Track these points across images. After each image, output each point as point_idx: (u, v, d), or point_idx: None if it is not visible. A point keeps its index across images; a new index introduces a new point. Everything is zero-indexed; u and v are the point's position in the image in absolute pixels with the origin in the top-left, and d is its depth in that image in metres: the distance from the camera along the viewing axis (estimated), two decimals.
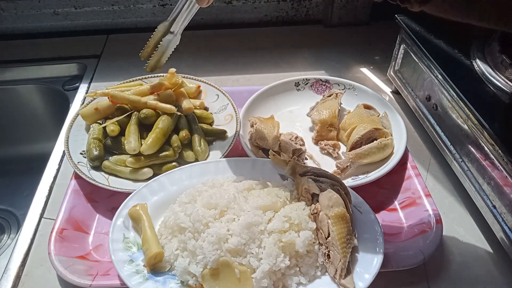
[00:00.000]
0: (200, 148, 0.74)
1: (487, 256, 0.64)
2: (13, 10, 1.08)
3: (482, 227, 0.68)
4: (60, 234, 0.63)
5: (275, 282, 0.53)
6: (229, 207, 0.58)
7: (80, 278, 0.57)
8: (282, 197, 0.60)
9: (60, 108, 0.97)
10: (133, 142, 0.71)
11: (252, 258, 0.53)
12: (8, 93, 1.03)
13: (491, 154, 0.62)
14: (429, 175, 0.77)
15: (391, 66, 0.92)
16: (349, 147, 0.75)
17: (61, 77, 1.02)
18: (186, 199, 0.62)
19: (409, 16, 0.84)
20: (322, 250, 0.56)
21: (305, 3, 1.17)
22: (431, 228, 0.63)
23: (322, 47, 1.11)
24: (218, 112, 0.83)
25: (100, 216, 0.69)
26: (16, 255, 0.64)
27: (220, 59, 1.06)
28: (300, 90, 0.90)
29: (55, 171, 0.78)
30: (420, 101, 0.82)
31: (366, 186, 0.68)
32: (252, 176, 0.66)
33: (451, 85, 0.69)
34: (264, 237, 0.55)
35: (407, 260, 0.60)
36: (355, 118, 0.79)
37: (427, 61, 0.76)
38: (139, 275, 0.55)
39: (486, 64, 0.70)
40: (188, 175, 0.67)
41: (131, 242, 0.59)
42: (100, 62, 1.05)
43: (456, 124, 0.70)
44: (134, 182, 0.71)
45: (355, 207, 0.61)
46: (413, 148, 0.81)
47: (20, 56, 1.06)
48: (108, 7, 1.11)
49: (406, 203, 0.70)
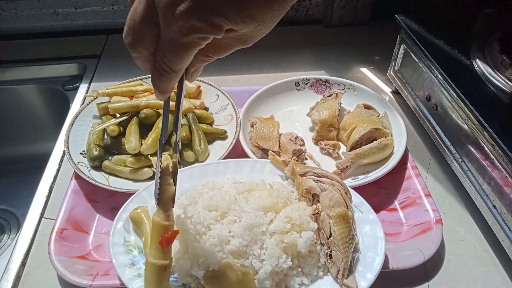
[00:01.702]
0: (200, 148, 0.74)
1: (487, 256, 0.64)
2: (13, 10, 1.08)
3: (482, 227, 0.68)
4: (60, 234, 0.63)
5: (277, 283, 0.53)
6: (230, 209, 0.58)
7: (80, 278, 0.57)
8: (283, 197, 0.60)
9: (60, 108, 0.97)
10: (134, 141, 0.71)
11: (254, 259, 0.53)
12: (8, 93, 1.03)
13: (491, 154, 0.62)
14: (429, 175, 0.77)
15: (391, 66, 0.92)
16: (349, 147, 0.75)
17: (61, 77, 1.03)
18: (187, 201, 0.61)
19: (409, 16, 0.84)
20: (324, 250, 0.56)
21: (305, 3, 1.17)
22: (431, 228, 0.64)
23: (322, 47, 1.11)
24: (218, 112, 0.83)
25: (100, 216, 0.69)
26: (16, 255, 0.64)
27: (220, 59, 1.05)
28: (300, 90, 0.90)
29: (55, 171, 0.78)
30: (420, 101, 0.82)
31: (366, 186, 0.68)
32: (253, 177, 0.66)
33: (451, 85, 0.69)
34: (266, 238, 0.55)
35: (407, 260, 0.60)
36: (355, 118, 0.80)
37: (427, 61, 0.76)
38: (141, 278, 0.55)
39: (486, 64, 0.70)
40: (188, 177, 0.67)
41: (132, 245, 0.59)
42: (100, 62, 1.05)
43: (456, 124, 0.70)
44: (134, 182, 0.71)
45: (355, 207, 0.61)
46: (413, 148, 0.81)
47: (20, 56, 1.06)
48: (108, 7, 1.11)
49: (406, 203, 0.70)
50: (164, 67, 0.35)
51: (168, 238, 0.51)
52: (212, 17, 0.29)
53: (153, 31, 0.33)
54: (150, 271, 0.51)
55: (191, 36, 0.31)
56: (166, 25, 0.31)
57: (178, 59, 0.33)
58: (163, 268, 0.50)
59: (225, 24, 0.30)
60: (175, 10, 0.29)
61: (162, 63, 0.34)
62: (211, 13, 0.29)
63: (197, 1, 0.29)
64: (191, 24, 0.30)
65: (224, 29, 0.31)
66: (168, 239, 0.51)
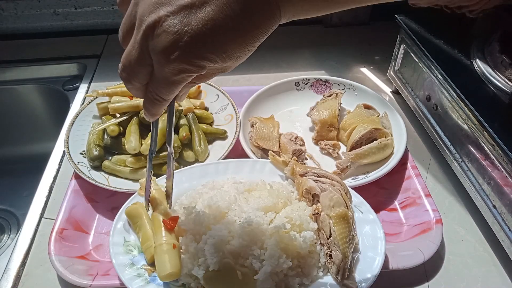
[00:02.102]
0: (200, 148, 0.74)
1: (487, 256, 0.64)
2: (13, 10, 1.08)
3: (482, 227, 0.68)
4: (60, 234, 0.63)
5: (277, 283, 0.53)
6: (230, 209, 0.58)
7: (80, 278, 0.57)
8: (283, 198, 0.60)
9: (60, 108, 0.97)
10: (134, 141, 0.72)
11: (254, 259, 0.53)
12: (8, 93, 1.03)
13: (491, 154, 0.62)
14: (429, 175, 0.77)
15: (391, 66, 0.92)
16: (349, 147, 0.75)
17: (61, 77, 1.02)
18: (187, 201, 0.61)
19: (409, 16, 0.84)
20: (324, 250, 0.56)
21: None
22: (431, 228, 0.64)
23: (322, 47, 1.11)
24: (218, 112, 0.83)
25: (100, 216, 0.69)
26: (16, 255, 0.64)
27: None
28: (300, 90, 0.90)
29: (55, 171, 0.78)
30: (420, 101, 0.82)
31: (366, 186, 0.68)
32: (253, 177, 0.66)
33: (451, 85, 0.69)
34: (265, 238, 0.54)
35: (407, 260, 0.60)
36: (355, 118, 0.79)
37: (427, 61, 0.76)
38: (141, 278, 0.55)
39: (486, 64, 0.70)
40: (188, 177, 0.67)
41: (131, 245, 0.59)
42: (100, 62, 1.05)
43: (456, 124, 0.70)
44: (134, 182, 0.71)
45: (355, 207, 0.61)
46: (413, 148, 0.81)
47: (20, 56, 1.06)
48: (108, 7, 1.11)
49: (406, 203, 0.70)
50: (156, 97, 0.41)
51: (170, 220, 0.57)
52: (197, 61, 0.36)
53: (147, 70, 0.39)
54: (159, 252, 0.54)
55: (180, 75, 0.37)
56: (159, 67, 0.37)
57: (169, 92, 0.40)
58: (172, 246, 0.54)
59: (208, 64, 0.37)
60: (169, 57, 0.36)
61: (155, 94, 0.41)
62: (196, 58, 0.36)
63: (186, 51, 0.35)
64: (181, 67, 0.36)
65: (207, 68, 0.37)
66: (170, 221, 0.57)
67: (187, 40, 0.35)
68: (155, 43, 0.36)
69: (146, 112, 0.44)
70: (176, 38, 0.35)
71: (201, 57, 0.36)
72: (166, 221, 0.57)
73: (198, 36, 0.35)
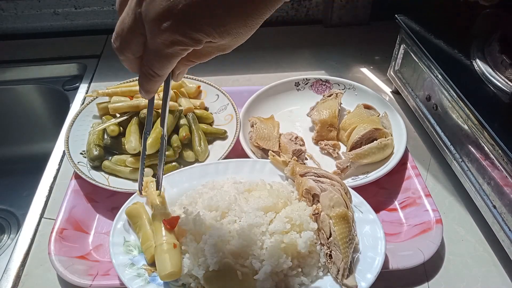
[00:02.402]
0: (200, 148, 0.74)
1: (487, 256, 0.64)
2: (13, 10, 1.08)
3: (482, 227, 0.68)
4: (60, 234, 0.63)
5: (277, 283, 0.53)
6: (230, 209, 0.58)
7: (80, 278, 0.57)
8: (283, 198, 0.60)
9: (60, 108, 0.97)
10: (134, 141, 0.71)
11: (254, 259, 0.53)
12: (8, 93, 1.03)
13: (491, 154, 0.62)
14: (429, 175, 0.77)
15: (391, 66, 0.92)
16: (349, 147, 0.75)
17: (61, 77, 1.03)
18: (187, 201, 0.61)
19: (409, 16, 0.84)
20: (324, 250, 0.56)
21: (305, 3, 1.17)
22: (431, 228, 0.64)
23: (322, 47, 1.11)
24: (218, 112, 0.83)
25: (100, 216, 0.69)
26: (16, 255, 0.64)
27: (220, 59, 1.05)
28: (300, 90, 0.90)
29: (55, 171, 0.78)
30: (420, 101, 0.82)
31: (366, 186, 0.68)
32: (253, 177, 0.66)
33: (451, 85, 0.69)
34: (265, 238, 0.54)
35: (407, 260, 0.60)
36: (355, 118, 0.79)
37: (427, 61, 0.76)
38: (141, 278, 0.55)
39: (486, 64, 0.70)
40: (188, 177, 0.67)
41: (131, 245, 0.59)
42: (100, 62, 1.05)
43: (456, 124, 0.70)
44: (134, 182, 0.71)
45: (355, 207, 0.61)
46: (413, 148, 0.81)
47: (20, 56, 1.06)
48: (108, 7, 1.11)
49: (406, 203, 0.70)
50: (150, 72, 0.39)
51: (170, 221, 0.57)
52: (192, 33, 0.33)
53: (139, 39, 0.36)
54: (160, 251, 0.54)
55: (173, 47, 0.35)
56: (152, 37, 0.35)
57: (162, 66, 0.38)
58: (173, 246, 0.54)
59: (204, 38, 0.34)
60: (160, 26, 0.33)
61: (148, 68, 0.38)
62: (191, 29, 0.33)
63: (180, 19, 0.33)
64: (173, 38, 0.34)
65: (203, 42, 0.34)
66: (170, 221, 0.57)
67: (182, 8, 0.32)
68: (148, 9, 0.33)
69: (141, 88, 0.42)
70: (170, 4, 0.32)
71: (195, 29, 0.33)
72: (166, 221, 0.57)
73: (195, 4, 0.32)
